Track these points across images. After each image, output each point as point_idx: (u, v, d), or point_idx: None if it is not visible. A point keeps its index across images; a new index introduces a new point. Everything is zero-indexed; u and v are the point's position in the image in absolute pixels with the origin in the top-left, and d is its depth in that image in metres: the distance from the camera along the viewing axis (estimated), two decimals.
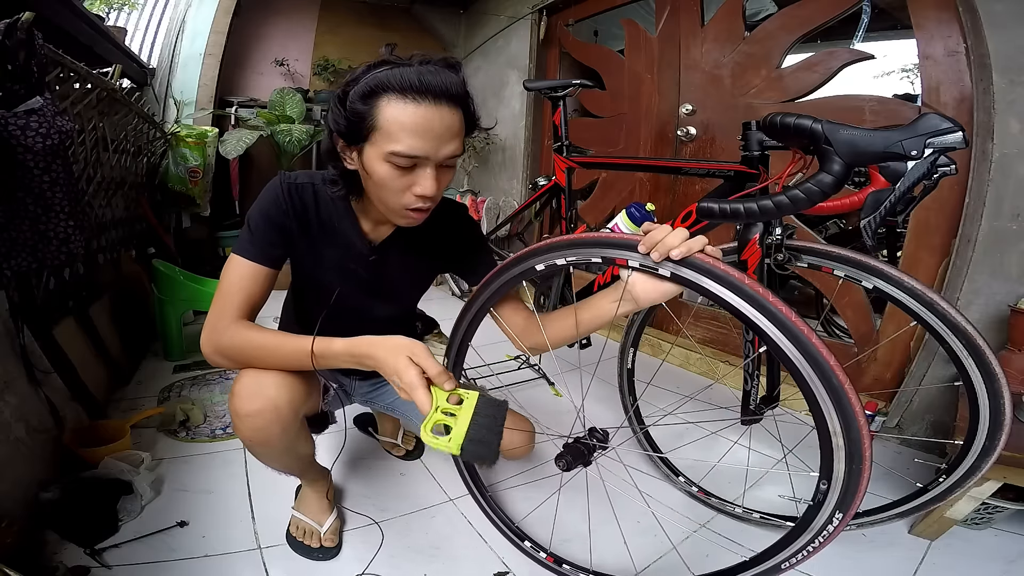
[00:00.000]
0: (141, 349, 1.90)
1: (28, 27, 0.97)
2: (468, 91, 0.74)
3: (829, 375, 0.57)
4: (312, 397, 0.87)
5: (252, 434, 0.79)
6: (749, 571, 0.74)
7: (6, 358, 1.04)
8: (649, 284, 0.71)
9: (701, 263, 0.62)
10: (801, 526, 0.67)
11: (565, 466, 0.81)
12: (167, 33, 2.82)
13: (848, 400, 0.57)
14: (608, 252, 0.69)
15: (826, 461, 0.61)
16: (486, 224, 2.93)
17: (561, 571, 0.98)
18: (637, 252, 0.66)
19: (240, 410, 0.77)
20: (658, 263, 0.64)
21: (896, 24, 2.40)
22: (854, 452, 0.58)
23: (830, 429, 0.59)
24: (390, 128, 0.68)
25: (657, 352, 2.20)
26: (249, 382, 0.77)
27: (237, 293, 0.78)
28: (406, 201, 0.74)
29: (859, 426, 0.57)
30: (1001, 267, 1.32)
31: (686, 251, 0.62)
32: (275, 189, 0.82)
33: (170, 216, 2.68)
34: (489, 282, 0.84)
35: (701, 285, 0.62)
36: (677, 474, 1.29)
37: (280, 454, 0.88)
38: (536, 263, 0.76)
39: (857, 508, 0.61)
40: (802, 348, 0.58)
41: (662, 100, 2.20)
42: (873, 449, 0.59)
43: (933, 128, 0.54)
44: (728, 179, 1.00)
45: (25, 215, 1.03)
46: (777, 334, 0.59)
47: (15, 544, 0.86)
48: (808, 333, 0.58)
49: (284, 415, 0.78)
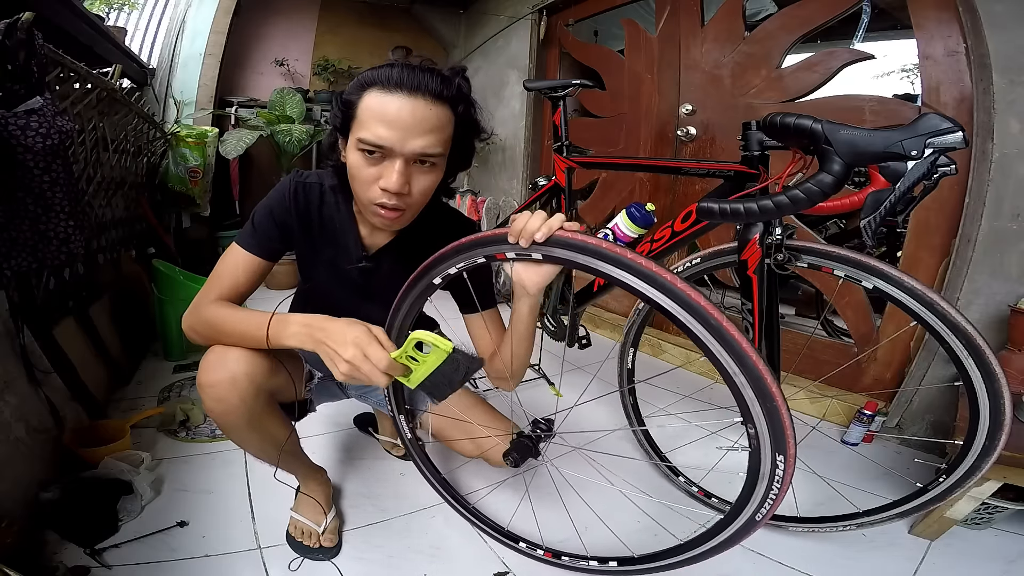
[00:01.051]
0: (141, 349, 1.90)
1: (28, 27, 0.97)
2: (464, 95, 0.75)
3: (705, 316, 0.59)
4: (279, 377, 0.87)
5: (213, 404, 0.80)
6: (728, 529, 0.74)
7: (6, 358, 1.04)
8: (531, 271, 0.72)
9: (563, 239, 0.65)
10: (751, 475, 0.68)
11: (513, 462, 0.81)
12: (167, 33, 2.83)
13: (732, 337, 0.59)
14: (487, 250, 0.71)
15: (741, 404, 0.62)
16: (486, 224, 2.94)
17: (561, 563, 0.98)
18: (508, 243, 0.68)
19: (203, 381, 0.80)
20: (527, 248, 0.66)
21: (896, 24, 2.40)
22: (761, 389, 0.59)
23: (728, 370, 0.61)
24: (363, 116, 0.71)
25: (657, 352, 2.21)
26: (214, 356, 0.80)
27: (225, 278, 0.84)
28: (372, 195, 0.74)
29: (753, 362, 0.59)
30: (1001, 267, 1.32)
31: (547, 231, 0.64)
32: (284, 188, 0.86)
33: (170, 216, 2.68)
34: (398, 307, 0.85)
35: (569, 259, 0.65)
36: (677, 474, 1.29)
37: (244, 428, 0.86)
38: (433, 277, 0.78)
39: (794, 450, 0.62)
40: (671, 295, 0.60)
41: (662, 100, 2.20)
42: (871, 447, 0.59)
43: (933, 128, 0.54)
44: (728, 179, 1.00)
45: (25, 215, 1.03)
46: (647, 287, 0.61)
47: (15, 544, 0.86)
48: (672, 279, 0.60)
49: (241, 386, 0.79)
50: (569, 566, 0.98)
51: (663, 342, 2.20)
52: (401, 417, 1.06)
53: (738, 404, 0.63)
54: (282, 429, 0.93)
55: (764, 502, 0.67)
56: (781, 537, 1.13)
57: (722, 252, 1.06)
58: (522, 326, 0.81)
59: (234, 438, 0.90)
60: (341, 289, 0.95)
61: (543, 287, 0.74)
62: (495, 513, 1.12)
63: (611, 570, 0.94)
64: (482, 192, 3.31)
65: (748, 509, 0.70)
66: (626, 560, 0.92)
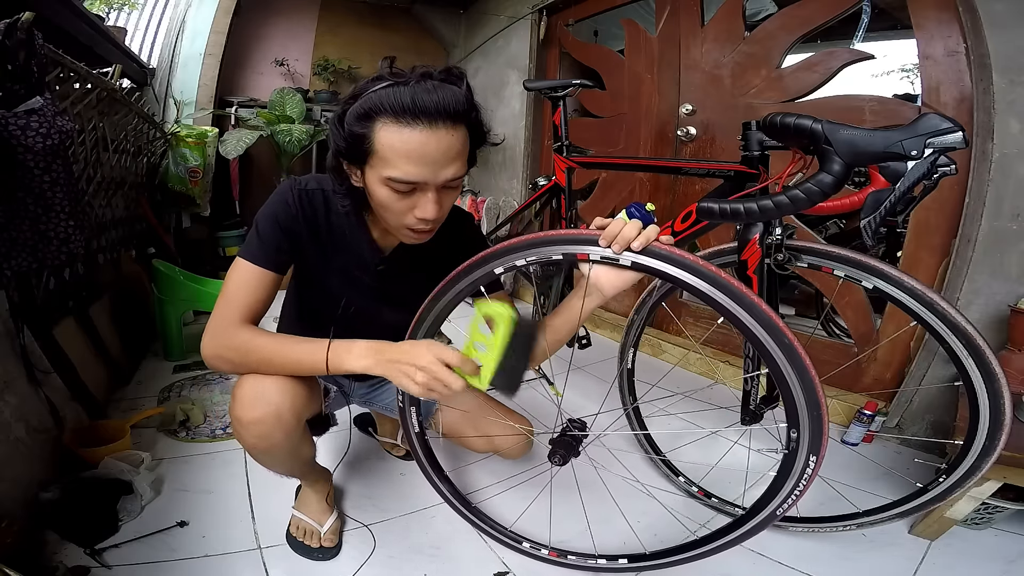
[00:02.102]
0: (141, 349, 1.90)
1: (28, 27, 0.97)
2: (473, 103, 0.71)
3: (781, 335, 0.65)
4: (313, 400, 0.86)
5: (256, 441, 0.78)
6: (748, 523, 0.79)
7: (6, 358, 1.04)
8: (612, 275, 0.76)
9: (659, 250, 0.68)
10: (783, 473, 0.73)
11: (560, 460, 0.82)
12: (167, 33, 2.82)
13: (799, 354, 0.65)
14: (569, 248, 0.73)
15: (791, 412, 0.68)
16: (486, 224, 2.94)
17: (567, 563, 0.98)
18: (598, 246, 0.71)
19: (243, 417, 0.76)
20: (618, 254, 0.69)
21: (896, 24, 2.41)
22: (812, 400, 0.66)
23: (788, 382, 0.66)
24: (385, 153, 0.67)
25: (657, 352, 2.21)
26: (250, 388, 0.76)
27: (241, 297, 0.78)
28: (408, 222, 0.74)
29: (811, 376, 0.65)
30: (1001, 267, 1.32)
31: (644, 241, 0.67)
32: (285, 194, 0.81)
33: (170, 216, 2.68)
34: (443, 291, 0.83)
35: (660, 270, 0.68)
36: (677, 474, 1.29)
37: (283, 459, 0.87)
38: (495, 266, 0.78)
39: (824, 452, 0.69)
40: (755, 315, 0.65)
41: (662, 100, 2.20)
42: (871, 447, 0.59)
43: (933, 128, 0.54)
44: (728, 179, 1.00)
45: (25, 215, 1.03)
46: (732, 305, 0.65)
47: (15, 544, 0.86)
48: (759, 301, 0.65)
49: (286, 421, 0.77)
50: (576, 565, 0.98)
51: (663, 342, 2.20)
52: (412, 409, 1.03)
53: (786, 410, 0.69)
54: (310, 446, 0.92)
55: (788, 497, 0.73)
56: (781, 537, 1.13)
57: (722, 252, 1.06)
58: (574, 321, 0.84)
59: (266, 465, 0.89)
60: (355, 295, 0.92)
61: (620, 291, 0.77)
62: (497, 514, 1.12)
63: (621, 567, 0.93)
64: (482, 192, 3.31)
65: (772, 504, 0.75)
66: (637, 557, 0.92)
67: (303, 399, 0.80)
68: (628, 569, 0.93)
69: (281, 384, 0.77)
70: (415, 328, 0.87)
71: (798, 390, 0.66)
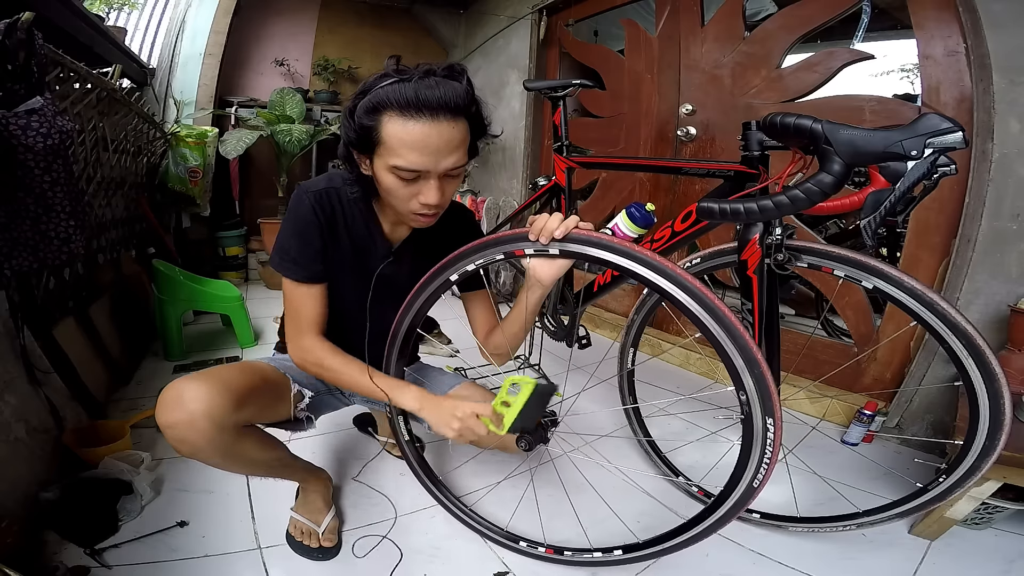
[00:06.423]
0: (141, 349, 1.90)
1: (28, 27, 0.97)
2: (474, 98, 0.77)
3: (702, 297, 0.67)
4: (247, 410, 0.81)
5: (176, 444, 0.75)
6: (731, 497, 0.79)
7: (6, 358, 1.05)
8: (546, 265, 0.83)
9: (579, 236, 0.75)
10: (747, 441, 0.74)
11: (526, 446, 0.82)
12: (167, 33, 2.83)
13: (723, 313, 0.67)
14: (507, 247, 0.80)
15: (733, 374, 0.70)
16: (486, 224, 2.94)
17: (564, 559, 0.98)
18: (528, 241, 0.77)
19: (159, 420, 0.74)
20: (546, 245, 0.76)
21: (896, 24, 2.41)
22: (749, 359, 0.68)
23: (720, 342, 0.68)
24: (391, 143, 0.74)
25: (657, 352, 2.21)
26: (171, 391, 0.75)
27: (305, 311, 0.90)
28: (413, 207, 0.81)
29: (740, 332, 0.67)
30: (1001, 267, 1.32)
31: (564, 229, 0.74)
32: (303, 206, 0.86)
33: (170, 216, 2.68)
34: (411, 301, 0.92)
35: (585, 253, 0.74)
36: (677, 474, 1.29)
37: (219, 463, 0.82)
38: (449, 274, 0.86)
39: (779, 413, 0.70)
40: (673, 280, 0.69)
41: (662, 100, 2.20)
42: (871, 447, 0.59)
43: (933, 128, 0.54)
44: (728, 179, 1.00)
45: (26, 215, 1.03)
46: (651, 275, 0.70)
47: (15, 544, 0.87)
48: (673, 267, 0.69)
49: (200, 427, 0.73)
50: (572, 560, 0.98)
51: (663, 342, 2.20)
52: (400, 418, 1.06)
53: (731, 376, 0.70)
54: (263, 450, 0.89)
55: (760, 466, 0.73)
56: (781, 537, 1.13)
57: (722, 252, 1.06)
58: (528, 313, 0.91)
59: (218, 468, 0.85)
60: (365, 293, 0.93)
61: (556, 279, 0.85)
62: (492, 514, 1.12)
63: (616, 559, 0.94)
64: (482, 192, 3.31)
65: (746, 476, 0.75)
66: (631, 547, 0.92)
67: (223, 407, 0.75)
68: (624, 560, 0.94)
69: (203, 391, 0.74)
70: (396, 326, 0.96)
71: (732, 349, 0.68)
